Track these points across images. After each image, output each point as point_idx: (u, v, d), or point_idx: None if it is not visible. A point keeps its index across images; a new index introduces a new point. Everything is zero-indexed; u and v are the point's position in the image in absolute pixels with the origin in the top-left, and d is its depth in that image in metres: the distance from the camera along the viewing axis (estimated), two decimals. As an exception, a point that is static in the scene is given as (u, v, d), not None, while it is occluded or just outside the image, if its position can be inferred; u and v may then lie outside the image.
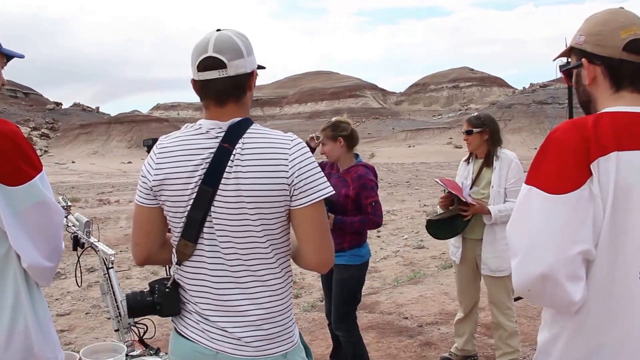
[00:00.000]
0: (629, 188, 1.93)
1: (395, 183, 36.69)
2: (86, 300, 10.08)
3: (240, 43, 2.40)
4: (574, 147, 1.96)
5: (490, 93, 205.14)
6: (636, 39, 2.07)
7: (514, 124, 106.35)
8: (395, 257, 12.97)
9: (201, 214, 2.34)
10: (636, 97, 2.10)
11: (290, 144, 2.35)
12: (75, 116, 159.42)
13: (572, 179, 1.94)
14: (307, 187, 2.32)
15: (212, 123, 2.40)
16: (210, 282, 2.40)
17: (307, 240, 2.40)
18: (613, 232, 1.94)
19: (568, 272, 1.94)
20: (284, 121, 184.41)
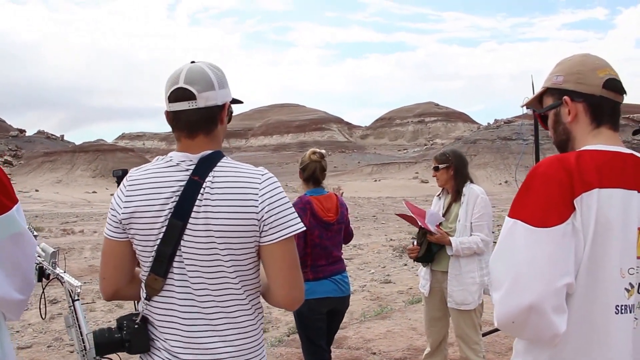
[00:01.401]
0: (608, 224, 2.01)
1: (362, 217, 36.70)
2: (48, 333, 9.83)
3: (212, 75, 2.39)
4: (558, 182, 2.03)
5: (455, 128, 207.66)
6: (612, 78, 2.21)
7: (479, 160, 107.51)
8: (362, 291, 12.88)
9: (171, 248, 2.30)
10: (612, 135, 2.21)
11: (260, 178, 2.33)
12: (39, 144, 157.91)
13: (558, 212, 2.00)
14: (277, 222, 2.30)
15: (183, 155, 2.38)
16: (180, 319, 2.34)
17: (277, 277, 2.36)
18: (592, 265, 2.02)
19: (554, 303, 1.98)
20: (250, 153, 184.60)
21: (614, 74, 2.23)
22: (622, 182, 2.05)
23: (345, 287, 5.18)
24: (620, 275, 2.03)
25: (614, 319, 2.02)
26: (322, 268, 5.07)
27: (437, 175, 5.54)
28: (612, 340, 2.03)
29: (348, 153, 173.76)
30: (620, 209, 2.03)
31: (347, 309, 5.38)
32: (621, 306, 2.03)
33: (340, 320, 5.39)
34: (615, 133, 2.22)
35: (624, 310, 2.03)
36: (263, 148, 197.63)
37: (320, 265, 5.05)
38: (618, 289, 2.03)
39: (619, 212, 2.02)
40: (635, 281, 2.06)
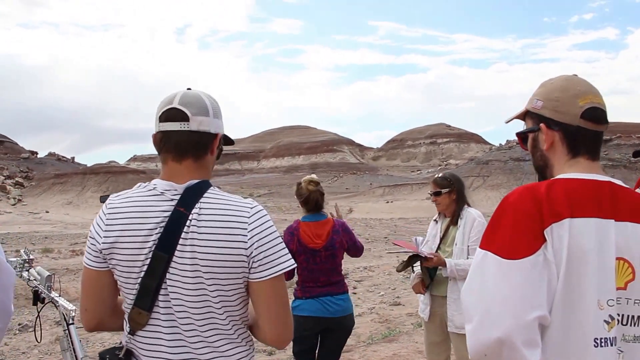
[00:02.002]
0: (582, 254, 1.94)
1: (373, 239, 36.60)
2: (53, 355, 9.85)
3: (207, 102, 2.32)
4: (528, 212, 1.97)
5: (468, 149, 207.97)
6: (593, 107, 2.11)
7: (492, 180, 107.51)
8: (370, 314, 12.79)
9: (155, 282, 2.20)
10: (591, 164, 2.14)
11: (249, 211, 2.23)
12: (50, 165, 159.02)
13: (527, 244, 1.93)
14: (267, 259, 2.21)
15: (167, 184, 2.28)
16: (168, 354, 2.23)
17: (266, 315, 2.27)
18: (567, 297, 1.94)
19: (525, 337, 1.89)
20: (262, 175, 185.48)
21: (598, 101, 2.14)
22: (596, 211, 1.98)
23: (333, 309, 5.20)
24: (599, 307, 1.95)
25: (593, 353, 1.94)
26: (310, 289, 5.22)
27: (438, 200, 5.46)
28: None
29: (360, 175, 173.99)
30: (594, 239, 1.95)
31: (345, 330, 5.38)
32: (601, 339, 1.94)
33: (336, 340, 5.39)
34: (594, 162, 2.15)
35: (604, 343, 1.94)
36: (275, 170, 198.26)
37: (308, 286, 5.20)
38: (596, 321, 1.94)
39: (593, 242, 1.95)
40: (617, 313, 1.97)
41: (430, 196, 5.55)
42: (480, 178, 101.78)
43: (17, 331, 11.79)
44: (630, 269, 2.00)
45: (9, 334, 11.79)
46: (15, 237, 43.30)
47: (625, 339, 2.00)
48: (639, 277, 2.00)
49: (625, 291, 2.00)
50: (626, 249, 1.99)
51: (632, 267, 2.00)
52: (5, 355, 9.98)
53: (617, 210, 2.01)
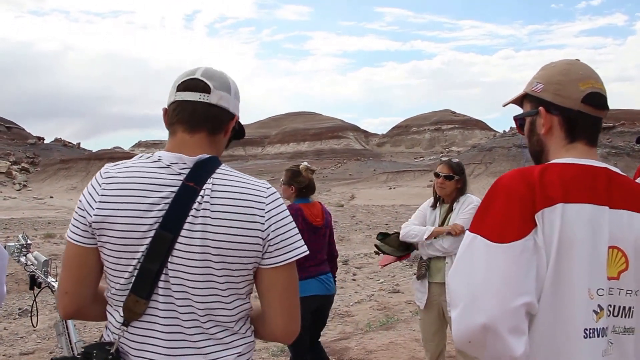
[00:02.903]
0: (573, 241, 1.87)
1: (374, 225, 36.62)
2: (51, 339, 9.82)
3: (231, 81, 2.17)
4: (519, 196, 1.91)
5: (472, 136, 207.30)
6: (594, 92, 2.04)
7: (495, 167, 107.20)
8: (369, 301, 12.79)
9: (157, 266, 1.96)
10: (588, 150, 2.07)
11: (266, 191, 2.07)
12: (56, 151, 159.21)
13: (517, 228, 1.87)
14: (283, 244, 2.04)
15: (175, 156, 2.06)
16: (163, 348, 2.00)
17: (275, 305, 2.09)
18: (556, 285, 1.88)
19: (510, 324, 1.84)
20: (266, 161, 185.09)
21: (599, 86, 2.07)
22: (590, 197, 1.92)
23: (330, 286, 5.57)
24: (589, 297, 1.89)
25: (582, 344, 1.88)
26: (310, 268, 5.34)
27: (446, 184, 5.37)
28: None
29: (364, 161, 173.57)
30: (587, 226, 1.89)
31: (331, 306, 5.86)
32: (590, 330, 1.88)
33: (325, 316, 5.83)
34: (591, 148, 2.09)
35: (592, 334, 1.88)
36: (279, 156, 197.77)
37: (307, 266, 5.26)
38: (586, 311, 1.88)
39: (586, 228, 1.89)
40: (606, 303, 1.92)
41: (436, 177, 5.43)
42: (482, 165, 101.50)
43: (17, 316, 11.85)
44: (624, 258, 1.95)
45: (8, 318, 11.87)
46: (18, 222, 43.49)
47: (616, 331, 1.95)
48: (632, 267, 1.95)
49: (618, 281, 1.94)
50: (620, 238, 1.94)
51: (625, 257, 1.95)
52: (3, 339, 10.05)
53: (613, 197, 1.96)
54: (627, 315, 1.96)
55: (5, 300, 13.47)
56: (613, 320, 1.94)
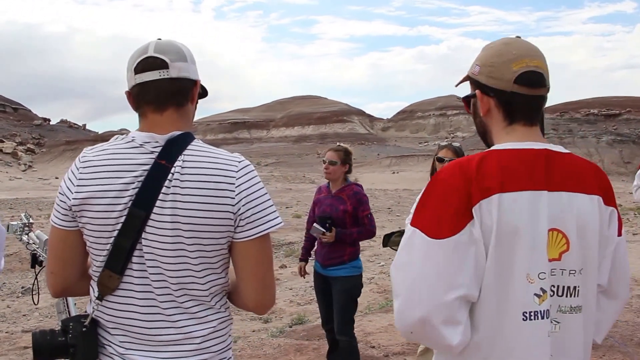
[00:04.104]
0: (512, 229, 1.92)
1: (377, 209, 36.56)
2: (53, 317, 9.90)
3: (183, 48, 2.19)
4: (455, 190, 1.95)
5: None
6: (527, 72, 2.05)
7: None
8: (369, 284, 12.80)
9: (130, 241, 2.05)
10: (528, 131, 2.09)
11: (237, 165, 2.10)
12: (61, 133, 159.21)
13: (451, 223, 1.92)
14: (255, 217, 2.08)
15: (147, 136, 2.12)
16: (141, 321, 2.09)
17: (249, 278, 2.14)
18: (496, 273, 1.93)
19: (444, 317, 1.92)
20: (271, 144, 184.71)
21: (536, 64, 2.07)
22: (528, 184, 1.96)
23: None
24: (528, 281, 1.94)
25: (522, 326, 1.94)
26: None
27: None
28: (521, 347, 1.95)
29: (368, 145, 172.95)
30: (525, 212, 1.93)
31: None
32: (530, 312, 1.93)
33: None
34: (532, 128, 2.10)
35: (534, 316, 1.94)
36: (284, 139, 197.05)
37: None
38: (525, 295, 1.94)
39: (524, 215, 1.93)
40: (549, 285, 1.96)
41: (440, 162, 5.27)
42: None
43: (20, 294, 11.95)
44: (565, 239, 1.98)
45: (12, 296, 11.96)
46: (23, 202, 43.53)
47: (562, 310, 2.00)
48: (573, 248, 1.99)
49: (560, 262, 1.98)
50: (560, 220, 1.97)
51: (566, 238, 1.98)
52: (6, 317, 10.14)
53: (551, 180, 1.98)
54: (572, 295, 2.01)
55: (9, 279, 13.61)
56: (558, 300, 2.00)
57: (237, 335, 7.45)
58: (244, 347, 7.01)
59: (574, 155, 2.12)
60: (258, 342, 7.13)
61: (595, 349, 6.37)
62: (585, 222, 2.00)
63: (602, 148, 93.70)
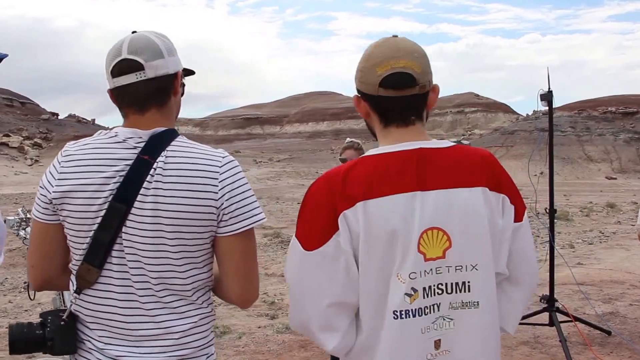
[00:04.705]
0: (383, 233, 1.93)
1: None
2: (56, 313, 9.91)
3: (158, 42, 2.15)
4: (321, 203, 1.99)
5: (495, 119, 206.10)
6: (391, 74, 2.02)
7: (516, 150, 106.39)
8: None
9: (110, 235, 2.04)
10: (403, 132, 2.08)
11: (221, 160, 2.09)
12: (69, 127, 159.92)
13: (318, 236, 1.96)
14: (238, 212, 2.07)
15: (131, 131, 2.11)
16: (120, 315, 2.08)
17: (232, 273, 2.14)
18: (373, 277, 1.96)
19: (319, 323, 2.01)
20: (285, 140, 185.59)
21: (402, 65, 2.02)
22: (397, 187, 1.95)
23: None
24: (399, 281, 1.95)
25: (393, 325, 1.95)
26: None
27: None
28: (394, 346, 1.97)
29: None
30: (396, 216, 1.93)
31: None
32: (401, 311, 1.95)
33: None
34: (407, 128, 2.08)
35: (404, 315, 1.95)
36: (298, 135, 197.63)
37: None
38: (395, 295, 1.95)
39: (394, 219, 1.93)
40: (421, 285, 1.96)
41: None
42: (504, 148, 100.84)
43: (22, 289, 11.92)
44: (446, 236, 1.98)
45: (14, 291, 11.97)
46: (28, 197, 43.68)
47: (454, 307, 2.01)
48: (456, 244, 1.99)
49: (444, 260, 1.99)
50: (437, 218, 1.97)
51: (447, 235, 1.98)
52: (8, 312, 10.12)
53: (424, 179, 1.97)
54: (463, 290, 2.02)
55: (12, 274, 13.67)
56: (448, 298, 2.01)
57: (242, 332, 7.43)
58: (248, 343, 6.99)
59: (459, 147, 2.12)
60: (263, 338, 7.11)
61: (603, 345, 6.45)
62: (469, 216, 2.00)
63: (619, 146, 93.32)
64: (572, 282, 8.59)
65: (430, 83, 2.10)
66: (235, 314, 8.49)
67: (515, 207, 2.10)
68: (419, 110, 2.10)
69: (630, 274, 10.55)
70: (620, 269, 11.19)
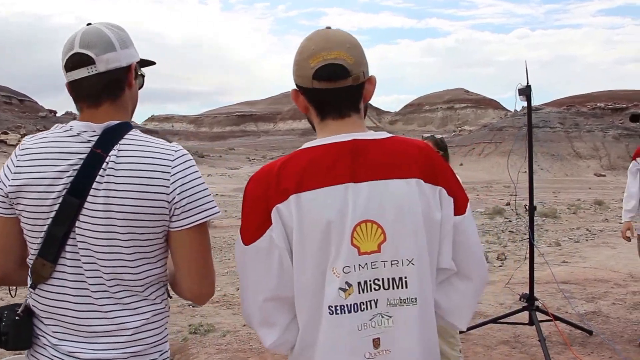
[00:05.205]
0: (317, 226, 1.89)
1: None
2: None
3: (111, 35, 2.12)
4: (255, 198, 1.97)
5: (485, 115, 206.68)
6: (323, 66, 1.97)
7: (504, 147, 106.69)
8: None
9: (63, 230, 2.01)
10: (338, 124, 2.03)
11: (173, 154, 2.07)
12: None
13: (254, 230, 1.94)
14: (190, 206, 2.04)
15: (85, 125, 2.09)
16: (73, 311, 2.04)
17: (186, 268, 2.11)
18: (307, 271, 1.92)
19: (259, 319, 2.01)
20: (278, 137, 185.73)
21: (334, 56, 1.98)
22: (330, 179, 1.91)
23: None
24: (335, 275, 1.90)
25: (329, 320, 1.91)
26: None
27: None
28: (331, 342, 1.92)
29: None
30: (329, 208, 1.89)
31: None
32: (336, 306, 1.91)
33: None
34: (343, 120, 2.03)
35: (339, 310, 1.90)
36: (291, 132, 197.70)
37: None
38: (331, 289, 1.90)
39: (328, 211, 1.89)
40: (356, 280, 1.91)
41: None
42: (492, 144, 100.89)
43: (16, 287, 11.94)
44: (380, 230, 1.92)
45: (4, 289, 11.92)
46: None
47: (391, 304, 1.94)
48: (390, 237, 1.92)
49: (380, 254, 1.92)
50: (371, 210, 1.91)
51: (381, 228, 1.92)
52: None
53: (359, 171, 1.92)
54: (400, 286, 1.95)
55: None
56: (385, 294, 1.94)
57: (226, 330, 7.34)
58: (231, 342, 6.94)
59: (396, 138, 2.06)
60: (246, 336, 7.02)
61: (584, 345, 6.40)
62: (403, 209, 1.93)
63: (609, 142, 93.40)
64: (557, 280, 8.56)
65: (365, 74, 2.04)
66: (221, 312, 8.43)
67: (456, 200, 2.04)
68: (354, 102, 2.05)
69: (615, 272, 10.51)
70: (605, 267, 11.18)
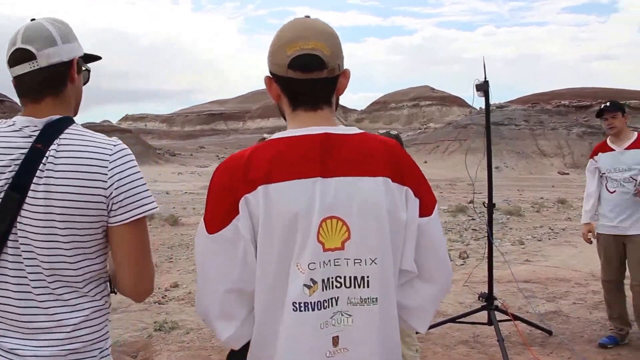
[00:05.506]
0: (283, 220, 1.86)
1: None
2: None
3: (53, 30, 2.12)
4: (223, 186, 1.91)
5: (450, 112, 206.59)
6: (300, 55, 1.93)
7: (469, 144, 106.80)
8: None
9: (5, 225, 1.99)
10: (310, 116, 2.00)
11: (112, 149, 2.07)
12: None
13: (220, 219, 1.89)
14: (128, 201, 2.04)
15: (27, 120, 2.09)
16: (14, 307, 2.03)
17: (124, 264, 2.10)
18: (267, 264, 1.88)
19: (218, 311, 1.95)
20: (247, 135, 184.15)
21: (311, 46, 1.93)
22: (298, 172, 1.87)
23: None
24: (299, 271, 1.86)
25: (292, 317, 1.87)
26: None
27: None
28: (293, 339, 1.88)
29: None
30: (296, 202, 1.86)
31: None
32: (300, 303, 1.86)
33: None
34: (315, 112, 1.99)
35: (303, 307, 1.86)
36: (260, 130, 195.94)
37: None
38: (295, 285, 1.86)
39: (295, 205, 1.85)
40: (320, 277, 1.87)
41: None
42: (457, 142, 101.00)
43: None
44: (345, 227, 1.89)
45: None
46: None
47: (352, 302, 1.92)
48: (355, 235, 1.90)
49: (344, 251, 1.90)
50: (338, 207, 1.89)
51: (346, 225, 1.89)
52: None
53: (327, 166, 1.89)
54: (362, 285, 1.92)
55: None
56: (346, 292, 1.92)
57: (190, 327, 7.36)
58: (194, 339, 6.97)
59: (366, 135, 2.04)
60: (209, 334, 6.97)
61: (544, 346, 6.37)
62: (368, 207, 1.91)
63: (572, 140, 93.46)
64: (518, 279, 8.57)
65: (340, 67, 2.00)
66: (186, 310, 8.33)
67: (422, 201, 2.00)
68: (327, 94, 2.02)
69: (577, 271, 10.49)
70: (567, 266, 11.17)
